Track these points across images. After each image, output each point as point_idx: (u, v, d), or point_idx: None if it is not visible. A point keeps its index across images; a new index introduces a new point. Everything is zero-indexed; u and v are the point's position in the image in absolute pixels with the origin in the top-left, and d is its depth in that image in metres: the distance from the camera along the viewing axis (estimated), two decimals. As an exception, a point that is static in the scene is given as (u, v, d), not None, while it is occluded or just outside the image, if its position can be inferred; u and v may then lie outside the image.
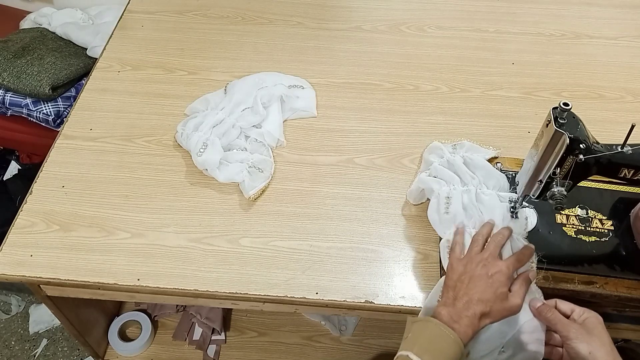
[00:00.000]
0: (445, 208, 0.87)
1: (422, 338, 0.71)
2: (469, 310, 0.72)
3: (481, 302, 0.73)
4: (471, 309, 0.72)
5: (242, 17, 1.31)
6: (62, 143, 1.04)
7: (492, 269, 0.76)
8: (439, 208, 0.87)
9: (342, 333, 1.31)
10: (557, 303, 0.76)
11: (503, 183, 0.88)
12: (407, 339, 0.72)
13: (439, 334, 0.70)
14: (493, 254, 0.78)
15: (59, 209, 0.94)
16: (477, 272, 0.76)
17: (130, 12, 1.32)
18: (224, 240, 0.90)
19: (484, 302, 0.73)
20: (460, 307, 0.73)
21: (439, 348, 0.69)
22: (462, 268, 0.78)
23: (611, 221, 0.89)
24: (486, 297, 0.73)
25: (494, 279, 0.75)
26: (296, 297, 0.84)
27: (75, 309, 1.05)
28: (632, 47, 1.26)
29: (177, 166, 1.01)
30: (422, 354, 0.68)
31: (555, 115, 0.73)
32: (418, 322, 0.74)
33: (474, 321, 0.72)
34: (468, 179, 0.89)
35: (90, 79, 1.16)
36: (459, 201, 0.86)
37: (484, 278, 0.75)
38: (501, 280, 0.75)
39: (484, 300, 0.73)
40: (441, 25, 1.30)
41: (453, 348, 0.69)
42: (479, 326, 0.73)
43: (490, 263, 0.77)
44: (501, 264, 0.77)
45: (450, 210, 0.86)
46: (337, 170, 1.00)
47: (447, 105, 1.12)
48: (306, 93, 1.12)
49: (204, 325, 1.27)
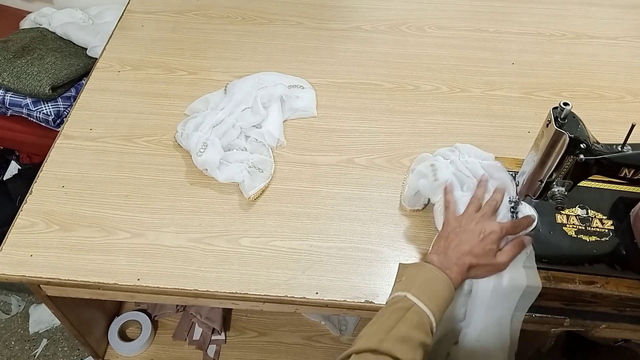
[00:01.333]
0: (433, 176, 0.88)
1: (417, 280, 0.73)
2: (459, 259, 0.76)
3: (470, 254, 0.76)
4: (461, 259, 0.76)
5: (242, 17, 1.31)
6: (62, 143, 1.04)
7: (486, 228, 0.79)
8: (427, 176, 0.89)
9: (342, 333, 1.31)
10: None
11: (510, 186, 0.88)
12: (401, 282, 0.74)
13: (434, 277, 0.73)
14: (488, 214, 0.81)
15: (59, 209, 0.94)
16: (471, 227, 0.79)
17: (130, 12, 1.32)
18: (224, 240, 0.90)
19: (473, 255, 0.76)
20: (451, 256, 0.76)
21: (434, 290, 0.72)
22: (457, 223, 0.80)
23: (611, 221, 0.89)
24: (475, 251, 0.77)
25: (486, 236, 0.78)
26: (296, 297, 0.84)
27: (75, 309, 1.05)
28: (632, 47, 1.26)
29: (177, 166, 1.01)
30: (419, 295, 0.71)
31: (556, 115, 0.73)
32: (412, 267, 0.76)
33: (463, 269, 0.76)
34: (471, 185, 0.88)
35: (90, 79, 1.16)
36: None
37: (476, 234, 0.78)
38: (492, 238, 0.78)
39: (473, 254, 0.76)
40: (441, 25, 1.30)
41: (447, 291, 0.73)
42: (466, 276, 0.77)
43: (485, 222, 0.80)
44: (495, 224, 0.79)
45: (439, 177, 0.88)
46: (337, 170, 1.00)
47: (447, 105, 1.12)
48: (306, 93, 1.12)
49: (204, 325, 1.27)
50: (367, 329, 0.70)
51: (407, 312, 0.69)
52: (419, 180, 0.91)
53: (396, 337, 0.67)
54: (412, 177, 0.93)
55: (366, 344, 0.67)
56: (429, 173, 0.89)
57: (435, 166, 0.89)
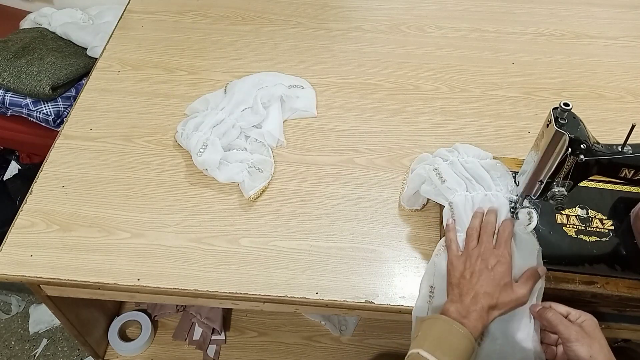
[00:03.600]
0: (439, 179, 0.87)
1: (431, 335, 0.71)
2: (476, 304, 0.73)
3: (487, 295, 0.73)
4: (479, 303, 0.73)
5: (242, 17, 1.31)
6: (62, 143, 1.04)
7: (492, 261, 0.77)
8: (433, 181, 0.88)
9: (342, 333, 1.31)
10: (552, 306, 0.76)
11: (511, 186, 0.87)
12: (417, 337, 0.72)
13: (449, 330, 0.71)
14: (488, 246, 0.79)
15: (59, 209, 0.94)
16: (478, 266, 0.76)
17: (130, 12, 1.32)
18: (224, 240, 0.90)
19: (490, 295, 0.74)
20: (467, 302, 0.73)
21: (449, 344, 0.69)
22: (462, 266, 0.78)
23: (611, 221, 0.89)
24: (491, 290, 0.74)
25: (495, 270, 0.76)
26: (296, 297, 0.84)
27: (75, 309, 1.05)
28: (632, 47, 1.26)
29: (177, 166, 1.01)
30: (433, 351, 0.68)
31: (556, 115, 0.73)
32: (427, 320, 0.74)
33: (483, 314, 0.73)
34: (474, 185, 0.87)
35: (90, 79, 1.16)
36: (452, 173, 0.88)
37: (485, 272, 0.76)
38: (502, 271, 0.76)
39: (490, 293, 0.74)
40: (441, 25, 1.30)
41: (464, 343, 0.70)
42: (488, 319, 0.73)
43: (488, 255, 0.77)
44: (499, 253, 0.77)
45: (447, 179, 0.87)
46: (337, 170, 1.00)
47: (447, 105, 1.12)
48: (306, 93, 1.12)
49: (204, 325, 1.27)
50: None
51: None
52: (421, 186, 0.90)
53: None
54: (411, 177, 0.93)
55: None
56: (433, 177, 0.88)
57: (439, 169, 0.88)
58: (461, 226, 0.84)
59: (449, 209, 0.85)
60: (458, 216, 0.84)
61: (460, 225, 0.84)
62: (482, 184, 0.87)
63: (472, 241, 0.80)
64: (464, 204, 0.85)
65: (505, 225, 0.81)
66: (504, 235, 0.80)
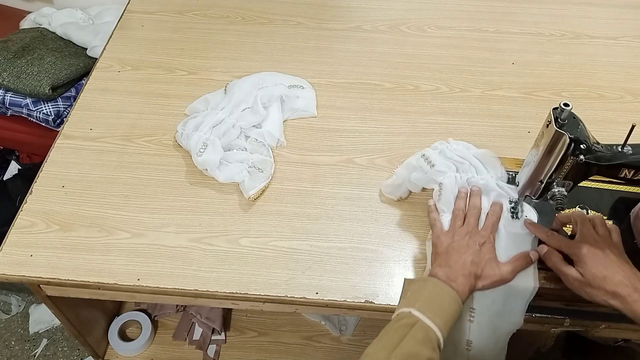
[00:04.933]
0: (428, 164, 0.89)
1: (422, 296, 0.72)
2: (464, 269, 0.75)
3: (474, 264, 0.76)
4: (466, 269, 0.75)
5: (242, 17, 1.31)
6: (62, 143, 1.04)
7: (479, 239, 0.79)
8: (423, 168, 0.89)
9: (342, 333, 1.31)
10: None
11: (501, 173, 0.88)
12: (407, 297, 0.73)
13: (439, 292, 0.72)
14: (474, 226, 0.81)
15: (59, 209, 0.94)
16: (465, 241, 0.78)
17: (130, 12, 1.32)
18: (224, 240, 0.90)
19: (477, 265, 0.76)
20: (455, 268, 0.75)
21: (440, 305, 0.71)
22: (449, 239, 0.80)
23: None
24: (477, 260, 0.76)
25: (482, 247, 0.78)
26: (296, 297, 0.84)
27: (75, 309, 1.05)
28: (632, 47, 1.26)
29: (177, 166, 1.01)
30: (424, 310, 0.69)
31: (556, 115, 0.72)
32: (417, 282, 0.76)
33: (471, 280, 0.75)
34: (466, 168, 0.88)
35: (90, 79, 1.16)
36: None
37: (472, 245, 0.78)
38: (488, 249, 0.78)
39: (477, 263, 0.76)
40: (441, 25, 1.30)
41: (453, 305, 0.71)
42: (474, 287, 0.75)
43: (476, 234, 0.79)
44: (486, 233, 0.79)
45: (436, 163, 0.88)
46: (337, 170, 1.00)
47: (447, 105, 1.12)
48: (306, 93, 1.12)
49: (204, 325, 1.27)
50: (371, 348, 0.68)
51: (412, 329, 0.68)
52: (411, 174, 0.91)
53: (401, 354, 0.65)
54: (401, 169, 0.94)
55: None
56: (422, 164, 0.89)
57: (426, 155, 0.89)
58: (448, 207, 0.85)
59: (438, 191, 0.86)
60: (445, 198, 0.85)
61: (447, 207, 0.85)
62: (473, 166, 0.88)
63: (459, 221, 0.82)
64: (453, 186, 0.85)
65: (494, 209, 0.83)
66: (492, 218, 0.81)
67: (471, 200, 0.84)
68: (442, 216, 0.84)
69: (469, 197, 0.84)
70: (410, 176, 0.91)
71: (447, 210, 0.84)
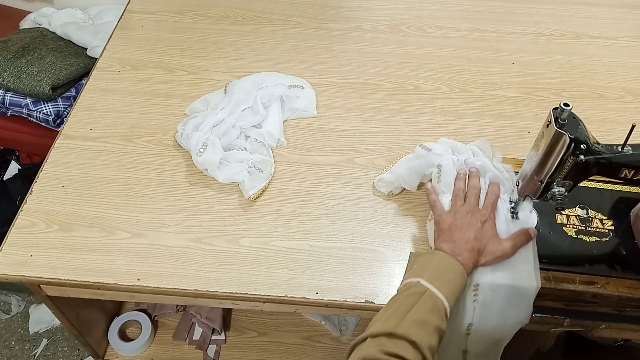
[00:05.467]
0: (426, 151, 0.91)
1: (430, 267, 0.74)
2: (468, 244, 0.76)
3: (477, 239, 0.77)
4: (470, 243, 0.76)
5: (242, 17, 1.31)
6: (62, 143, 1.04)
7: (481, 217, 0.80)
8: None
9: (342, 333, 1.31)
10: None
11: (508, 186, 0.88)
12: (414, 269, 0.75)
13: (446, 265, 0.74)
14: (475, 205, 0.82)
15: (59, 209, 0.94)
16: (467, 219, 0.80)
17: (130, 12, 1.32)
18: (224, 240, 0.90)
19: (479, 240, 0.78)
20: (460, 243, 0.77)
21: (447, 277, 0.72)
22: (451, 218, 0.81)
23: (611, 221, 0.89)
24: (480, 236, 0.78)
25: (484, 225, 0.79)
26: (296, 297, 0.84)
27: (75, 309, 1.05)
28: (632, 47, 1.26)
29: (177, 166, 1.01)
30: (432, 281, 0.71)
31: (556, 115, 0.72)
32: (423, 255, 0.77)
33: (474, 255, 0.76)
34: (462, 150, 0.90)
35: (90, 79, 1.16)
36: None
37: (474, 223, 0.79)
38: (489, 226, 0.80)
39: (479, 239, 0.78)
40: (441, 25, 1.30)
41: (459, 278, 0.73)
42: (478, 262, 0.77)
43: (477, 212, 0.81)
44: (487, 212, 0.81)
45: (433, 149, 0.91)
46: (337, 170, 1.00)
47: (447, 105, 1.12)
48: (306, 93, 1.12)
49: (204, 325, 1.27)
50: (381, 313, 0.69)
51: (421, 297, 0.69)
52: (409, 164, 0.93)
53: (412, 320, 0.66)
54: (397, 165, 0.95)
55: (382, 327, 0.66)
56: (420, 151, 0.92)
57: (424, 144, 0.92)
58: (448, 189, 0.86)
59: (437, 173, 0.87)
60: (445, 179, 0.87)
61: (447, 188, 0.86)
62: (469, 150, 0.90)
63: (459, 200, 0.83)
64: (452, 168, 0.87)
65: (492, 188, 0.84)
66: (492, 197, 0.83)
67: (470, 180, 0.85)
68: (442, 197, 0.86)
69: (467, 178, 0.86)
70: (409, 165, 0.92)
71: (447, 191, 0.86)
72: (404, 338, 0.64)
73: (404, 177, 0.93)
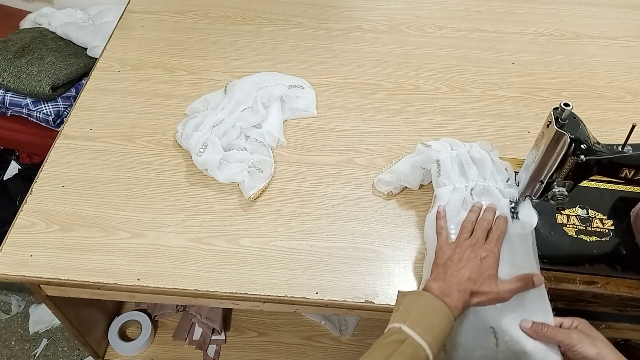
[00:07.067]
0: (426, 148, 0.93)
1: (414, 311, 0.72)
2: (459, 285, 0.74)
3: (471, 280, 0.75)
4: (462, 284, 0.74)
5: (242, 17, 1.31)
6: (62, 143, 1.04)
7: (481, 253, 0.78)
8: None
9: (342, 333, 1.31)
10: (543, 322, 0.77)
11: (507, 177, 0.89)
12: (399, 311, 0.73)
13: (432, 308, 0.72)
14: (480, 240, 0.80)
15: (59, 209, 0.94)
16: (467, 254, 0.78)
17: (130, 12, 1.32)
18: (224, 240, 0.90)
19: (474, 281, 0.75)
20: (451, 282, 0.75)
21: (431, 321, 0.70)
22: (451, 251, 0.80)
23: (612, 221, 0.89)
24: (475, 277, 0.76)
25: (483, 261, 0.77)
26: (296, 297, 0.84)
27: (75, 309, 1.05)
28: (632, 47, 1.26)
29: (177, 166, 1.01)
30: (414, 327, 0.69)
31: (556, 115, 0.73)
32: (409, 295, 0.75)
33: (465, 296, 0.74)
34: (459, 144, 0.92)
35: (90, 79, 1.16)
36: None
37: (473, 260, 0.77)
38: (489, 263, 0.77)
39: (474, 279, 0.75)
40: (441, 25, 1.30)
41: (445, 322, 0.71)
42: (469, 304, 0.75)
43: (479, 247, 0.79)
44: (490, 247, 0.79)
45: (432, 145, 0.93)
46: (337, 170, 1.00)
47: (447, 105, 1.12)
48: (306, 93, 1.12)
49: (204, 325, 1.27)
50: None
51: (401, 345, 0.67)
52: (411, 160, 0.94)
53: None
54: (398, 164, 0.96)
55: None
56: (419, 147, 0.93)
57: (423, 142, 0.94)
58: (448, 180, 0.87)
59: (436, 168, 0.89)
60: (445, 172, 0.88)
61: (447, 180, 0.87)
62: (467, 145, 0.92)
63: (466, 233, 0.82)
64: (451, 160, 0.88)
65: (499, 223, 0.82)
66: (497, 232, 0.81)
67: (484, 214, 0.84)
68: (444, 189, 0.87)
69: (482, 212, 0.84)
70: (411, 161, 0.94)
71: (450, 184, 0.87)
72: None
73: (406, 175, 0.93)
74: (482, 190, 0.87)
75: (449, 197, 0.87)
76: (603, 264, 0.84)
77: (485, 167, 0.88)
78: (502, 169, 0.89)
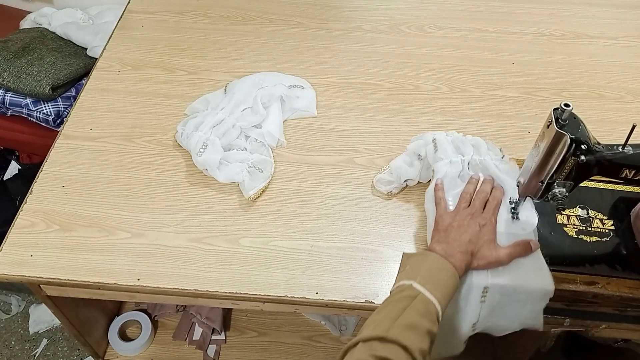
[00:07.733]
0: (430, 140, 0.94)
1: (423, 269, 0.73)
2: (462, 247, 0.77)
3: (472, 242, 0.78)
4: (463, 246, 0.77)
5: (242, 17, 1.31)
6: (62, 143, 1.04)
7: (481, 221, 0.81)
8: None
9: (342, 333, 1.31)
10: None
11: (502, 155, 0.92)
12: (406, 270, 0.75)
13: (439, 266, 0.74)
14: (479, 209, 0.83)
15: (59, 209, 0.94)
16: (467, 222, 0.81)
17: (130, 12, 1.32)
18: (224, 240, 0.90)
19: (474, 244, 0.78)
20: (453, 244, 0.77)
21: (439, 279, 0.72)
22: (451, 218, 0.82)
23: (612, 221, 0.89)
24: (475, 240, 0.78)
25: (482, 228, 0.80)
26: (296, 297, 0.84)
27: (75, 309, 1.05)
28: (632, 47, 1.26)
29: (177, 166, 1.00)
30: (424, 284, 0.71)
31: (557, 116, 0.72)
32: (416, 255, 0.77)
33: (467, 257, 0.76)
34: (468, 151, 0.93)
35: (90, 79, 1.16)
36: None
37: (472, 226, 0.80)
38: (488, 230, 0.80)
39: (474, 242, 0.78)
40: (441, 25, 1.30)
41: (452, 280, 0.73)
42: (470, 265, 0.77)
43: (478, 216, 0.81)
44: (488, 216, 0.82)
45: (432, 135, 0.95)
46: (337, 170, 1.00)
47: (447, 105, 1.12)
48: (306, 93, 1.12)
49: (204, 325, 1.27)
50: (373, 317, 0.69)
51: (413, 301, 0.69)
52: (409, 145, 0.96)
53: (403, 325, 0.66)
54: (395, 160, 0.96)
55: (373, 332, 0.66)
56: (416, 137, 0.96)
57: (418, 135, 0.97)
58: (445, 155, 0.89)
59: (433, 145, 0.91)
60: (442, 148, 0.90)
61: (444, 155, 0.89)
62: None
63: (464, 202, 0.84)
64: (446, 139, 0.92)
65: (495, 193, 0.85)
66: (494, 202, 0.84)
67: (482, 185, 0.87)
68: (440, 163, 0.89)
69: (480, 184, 0.87)
70: (407, 148, 0.95)
71: (446, 157, 0.89)
72: (395, 342, 0.64)
73: (404, 169, 0.94)
74: (477, 164, 0.89)
75: (446, 170, 0.89)
76: (603, 264, 0.84)
77: (480, 146, 0.91)
78: (496, 149, 0.92)
